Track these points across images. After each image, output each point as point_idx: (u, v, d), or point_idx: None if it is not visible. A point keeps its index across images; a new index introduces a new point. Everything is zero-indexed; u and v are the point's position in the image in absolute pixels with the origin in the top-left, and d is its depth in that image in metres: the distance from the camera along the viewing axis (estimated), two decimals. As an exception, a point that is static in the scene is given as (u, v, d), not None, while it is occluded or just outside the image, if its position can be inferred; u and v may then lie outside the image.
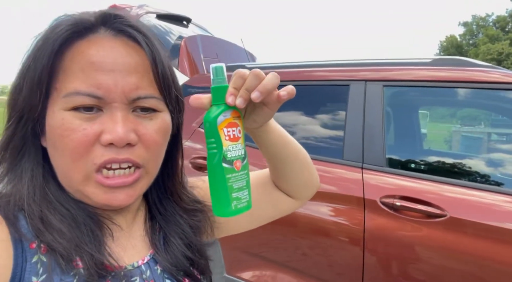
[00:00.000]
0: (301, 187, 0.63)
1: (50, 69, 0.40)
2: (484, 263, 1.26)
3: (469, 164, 1.60)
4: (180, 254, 0.51)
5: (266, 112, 0.47)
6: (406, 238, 1.37)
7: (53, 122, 0.41)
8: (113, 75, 0.40)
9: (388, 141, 1.59)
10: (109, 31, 0.43)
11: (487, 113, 5.33)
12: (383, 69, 1.62)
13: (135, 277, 0.46)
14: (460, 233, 1.29)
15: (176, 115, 0.48)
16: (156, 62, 0.43)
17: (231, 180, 0.44)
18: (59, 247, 0.40)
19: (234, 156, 0.44)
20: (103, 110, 0.41)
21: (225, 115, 0.43)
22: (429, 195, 1.37)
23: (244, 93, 0.43)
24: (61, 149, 0.41)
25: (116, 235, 0.47)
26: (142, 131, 0.43)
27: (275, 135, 0.55)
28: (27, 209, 0.41)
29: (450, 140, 6.34)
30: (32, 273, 0.39)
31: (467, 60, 1.57)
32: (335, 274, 1.53)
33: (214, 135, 0.43)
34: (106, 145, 0.40)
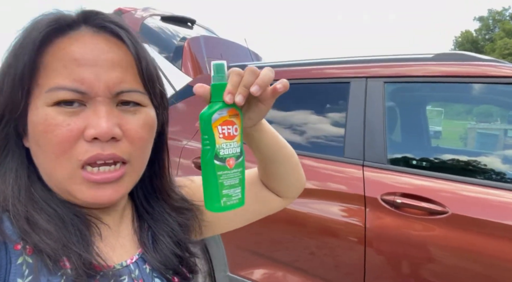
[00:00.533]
0: (289, 187, 0.64)
1: (31, 66, 0.40)
2: (487, 260, 1.23)
3: (471, 161, 1.57)
4: (169, 252, 0.51)
5: (261, 108, 0.48)
6: (407, 235, 1.36)
7: (36, 119, 0.40)
8: (95, 70, 0.40)
9: (389, 138, 1.57)
10: (90, 27, 0.42)
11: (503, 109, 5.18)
12: (384, 65, 1.60)
13: (123, 276, 0.46)
14: (465, 231, 1.27)
15: (161, 111, 0.48)
16: (140, 56, 0.43)
17: (222, 177, 0.44)
18: (46, 248, 0.39)
19: (227, 153, 0.44)
20: (87, 105, 0.41)
21: (220, 113, 0.44)
22: (430, 192, 1.35)
23: (243, 90, 0.43)
24: (45, 145, 0.40)
25: (104, 234, 0.46)
26: (127, 126, 0.42)
27: (268, 135, 0.55)
28: (12, 210, 0.40)
29: (466, 137, 6.19)
30: (17, 275, 0.38)
31: (470, 54, 1.54)
32: (338, 272, 1.52)
33: (208, 133, 0.44)
34: (90, 140, 0.40)
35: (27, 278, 0.38)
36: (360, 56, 1.75)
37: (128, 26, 0.44)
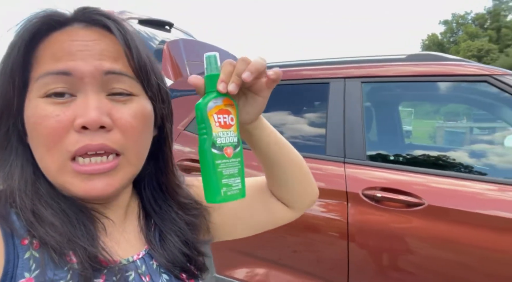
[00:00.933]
0: (296, 195, 0.61)
1: (22, 60, 0.40)
2: (462, 248, 1.31)
3: (444, 156, 1.67)
4: (177, 250, 0.50)
5: (258, 101, 0.48)
6: (387, 227, 1.42)
7: (29, 112, 0.41)
8: (82, 55, 0.40)
9: (367, 135, 1.64)
10: (81, 22, 0.43)
11: (468, 108, 5.46)
12: (361, 66, 1.67)
13: (130, 271, 0.46)
14: (440, 220, 1.35)
15: (159, 105, 0.47)
16: (130, 47, 0.42)
17: (221, 166, 0.44)
18: (51, 241, 0.39)
19: (225, 142, 0.44)
20: (77, 96, 0.41)
21: (215, 102, 0.44)
22: (407, 185, 1.42)
23: (235, 78, 0.43)
24: (36, 137, 0.40)
25: (109, 229, 0.46)
26: (117, 115, 0.42)
27: (267, 132, 0.55)
28: (19, 203, 0.41)
29: (435, 135, 6.49)
30: (24, 269, 0.38)
31: (439, 54, 1.64)
32: (323, 268, 1.57)
33: (204, 121, 0.44)
34: (79, 129, 0.39)
35: (34, 272, 0.38)
36: (339, 58, 1.81)
37: (119, 18, 0.44)
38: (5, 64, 0.41)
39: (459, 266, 1.33)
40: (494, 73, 1.45)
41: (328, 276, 1.55)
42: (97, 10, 0.43)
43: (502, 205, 1.29)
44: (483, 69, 1.48)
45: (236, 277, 1.72)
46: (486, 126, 5.60)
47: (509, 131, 1.77)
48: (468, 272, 1.32)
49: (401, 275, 1.43)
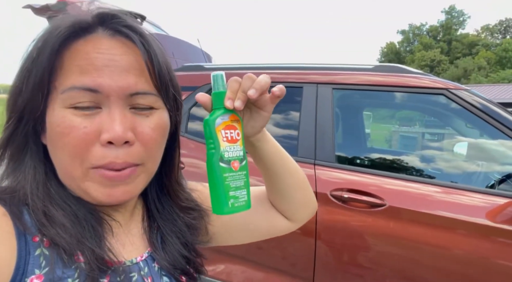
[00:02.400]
0: (296, 208, 0.63)
1: (50, 70, 0.41)
2: (418, 246, 1.44)
3: (405, 160, 1.81)
4: (177, 253, 0.52)
5: (262, 115, 0.51)
6: (352, 226, 1.52)
7: (54, 120, 0.41)
8: (109, 71, 0.41)
9: (337, 139, 1.73)
10: (106, 31, 0.43)
11: (421, 115, 5.86)
12: (332, 73, 1.76)
13: (133, 273, 0.47)
14: (398, 220, 1.47)
15: (174, 113, 0.49)
16: (152, 61, 0.44)
17: (229, 179, 0.46)
18: (62, 242, 0.41)
19: (232, 156, 0.46)
20: (102, 108, 0.42)
21: (223, 118, 0.47)
22: (371, 187, 1.53)
23: (241, 95, 0.46)
24: (62, 146, 0.41)
25: (115, 231, 0.48)
26: (139, 129, 0.43)
27: (270, 145, 0.57)
28: (31, 204, 0.42)
29: (391, 139, 6.90)
30: (35, 266, 0.39)
31: (403, 67, 1.77)
32: (289, 264, 1.64)
33: (212, 137, 0.46)
34: (105, 144, 0.41)
35: (44, 269, 0.40)
36: (312, 64, 1.89)
37: (142, 30, 0.45)
38: (34, 71, 0.41)
39: (412, 262, 1.46)
40: (450, 87, 1.60)
41: (295, 272, 1.63)
42: (124, 21, 0.44)
43: (447, 206, 1.44)
44: (441, 83, 1.63)
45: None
46: (436, 132, 6.06)
47: (457, 139, 1.97)
48: (420, 268, 1.45)
49: (363, 270, 1.54)
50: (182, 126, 1.88)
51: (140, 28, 0.45)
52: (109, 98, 0.42)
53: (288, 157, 0.61)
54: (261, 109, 0.51)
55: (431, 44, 47.90)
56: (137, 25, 0.45)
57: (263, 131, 0.55)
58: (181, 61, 2.42)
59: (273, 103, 0.50)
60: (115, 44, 0.43)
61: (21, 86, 0.42)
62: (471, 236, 1.39)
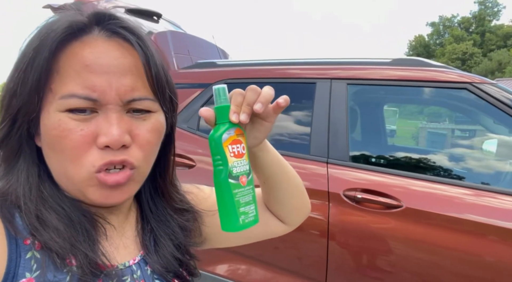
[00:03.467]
0: (291, 212, 0.63)
1: (46, 72, 0.40)
2: (434, 249, 1.36)
3: (426, 159, 1.72)
4: (170, 255, 0.52)
5: (265, 126, 0.50)
6: (366, 228, 1.46)
7: (49, 123, 0.41)
8: (107, 77, 0.41)
9: (351, 136, 1.67)
10: (103, 32, 0.43)
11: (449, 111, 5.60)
12: (347, 68, 1.69)
13: (126, 276, 0.47)
14: (415, 222, 1.39)
15: (170, 115, 0.49)
16: (150, 63, 0.43)
17: (238, 195, 0.45)
18: (55, 246, 0.40)
19: (240, 171, 0.46)
20: (98, 112, 0.42)
21: (229, 133, 0.46)
22: (387, 187, 1.46)
23: (247, 108, 0.46)
24: (59, 150, 0.41)
25: (109, 234, 0.48)
26: (136, 132, 0.43)
27: (271, 155, 0.57)
28: (23, 207, 0.41)
29: (417, 136, 6.66)
30: (26, 269, 0.39)
31: (423, 60, 1.67)
32: (303, 265, 1.60)
33: (220, 153, 0.45)
34: (103, 147, 0.41)
35: (35, 273, 0.39)
36: (326, 58, 1.83)
37: (140, 32, 0.44)
38: (30, 72, 0.40)
39: (432, 266, 1.38)
40: (474, 81, 1.50)
41: (307, 273, 1.59)
42: (121, 21, 0.43)
43: (476, 210, 1.34)
44: (463, 76, 1.52)
45: (217, 272, 1.74)
46: (467, 128, 5.78)
47: (487, 136, 1.84)
48: (440, 273, 1.37)
49: (377, 273, 1.47)
50: (194, 124, 1.87)
51: (138, 29, 0.44)
52: (107, 106, 0.41)
53: (287, 165, 0.61)
54: (264, 120, 0.50)
55: (462, 36, 45.77)
56: (134, 26, 0.44)
57: (264, 141, 0.55)
58: (197, 59, 2.42)
59: (276, 113, 0.49)
60: (112, 46, 0.42)
61: (16, 88, 0.41)
62: (503, 242, 1.28)
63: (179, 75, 2.04)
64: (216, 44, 2.73)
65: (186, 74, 2.05)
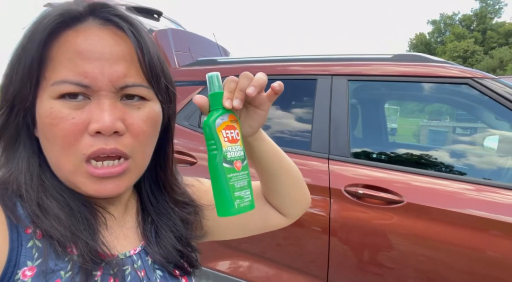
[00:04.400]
0: (291, 204, 0.63)
1: (39, 59, 0.40)
2: (435, 244, 1.36)
3: (427, 155, 1.71)
4: (171, 246, 0.52)
5: (259, 114, 0.50)
6: (367, 223, 1.46)
7: (42, 111, 0.41)
8: (99, 63, 0.41)
9: (352, 133, 1.67)
10: (96, 20, 0.43)
11: (451, 108, 5.58)
12: (348, 64, 1.69)
13: (126, 266, 0.47)
14: (416, 218, 1.39)
15: (167, 105, 0.49)
16: (143, 51, 0.43)
17: (233, 179, 0.46)
18: (56, 233, 0.40)
19: (234, 156, 0.46)
20: (91, 99, 0.41)
21: (222, 118, 0.46)
22: (388, 183, 1.46)
23: (239, 94, 0.46)
24: (51, 138, 0.41)
25: (109, 224, 0.48)
26: (130, 120, 0.43)
27: (267, 145, 0.57)
28: (25, 195, 0.42)
29: (418, 134, 6.65)
30: (27, 258, 0.39)
31: (424, 56, 1.67)
32: (304, 261, 1.60)
33: (214, 137, 0.46)
34: (94, 134, 0.41)
35: (36, 261, 0.40)
36: (327, 55, 1.83)
37: (133, 19, 0.44)
38: (23, 59, 0.40)
39: (433, 262, 1.38)
40: (475, 76, 1.49)
41: (308, 269, 1.59)
42: (114, 9, 0.43)
43: (478, 205, 1.34)
44: (464, 71, 1.52)
45: (219, 269, 1.74)
46: (468, 126, 5.77)
47: (488, 132, 1.84)
48: (442, 268, 1.37)
49: (378, 269, 1.47)
50: (195, 121, 1.87)
51: (131, 17, 0.45)
52: (99, 92, 0.41)
53: (285, 156, 0.60)
54: (258, 108, 0.50)
55: (464, 34, 45.60)
56: (127, 15, 0.44)
57: (259, 130, 0.55)
58: (197, 56, 2.42)
59: (270, 101, 0.50)
60: (105, 34, 0.42)
61: (11, 74, 0.42)
62: (505, 237, 1.28)
63: (180, 73, 2.05)
64: (217, 42, 2.73)
65: (187, 71, 2.06)
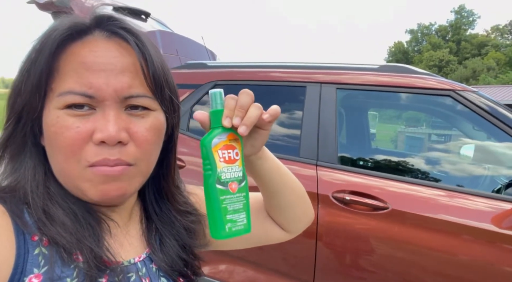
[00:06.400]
0: (293, 220, 0.63)
1: (47, 72, 0.41)
2: (421, 251, 1.41)
3: (410, 162, 1.78)
4: (175, 255, 0.52)
5: (262, 133, 0.50)
6: (354, 229, 1.50)
7: (49, 120, 0.42)
8: (104, 74, 0.41)
9: (340, 140, 1.71)
10: (103, 32, 0.44)
11: (427, 115, 5.77)
12: (336, 72, 1.73)
13: (131, 273, 0.47)
14: (401, 224, 1.44)
15: (171, 115, 0.49)
16: (147, 62, 0.44)
17: (226, 202, 0.44)
18: (62, 240, 0.41)
19: (229, 177, 0.45)
20: (96, 109, 0.42)
21: (220, 137, 0.45)
22: (374, 190, 1.50)
23: (240, 112, 0.45)
24: (56, 146, 0.42)
25: (114, 231, 0.48)
26: (134, 130, 0.44)
27: (270, 163, 0.56)
28: (31, 203, 0.42)
29: (396, 140, 6.84)
30: (33, 265, 0.39)
31: (410, 68, 1.73)
32: (289, 265, 1.62)
33: (209, 157, 0.44)
34: (98, 143, 0.41)
35: (43, 268, 0.40)
36: (316, 63, 1.86)
37: (139, 32, 0.45)
38: (32, 72, 0.41)
39: (416, 267, 1.43)
40: (457, 88, 1.57)
41: (295, 274, 1.61)
42: (121, 22, 0.44)
43: (452, 210, 1.41)
44: (448, 84, 1.59)
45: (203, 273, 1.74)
46: (443, 133, 5.98)
47: (463, 141, 1.93)
48: (423, 272, 1.42)
49: (364, 274, 1.51)
50: (184, 125, 1.86)
51: (136, 30, 0.45)
52: (104, 102, 0.42)
53: (288, 173, 0.60)
54: (260, 128, 0.50)
55: (439, 44, 47.37)
56: (133, 27, 0.45)
57: (262, 149, 0.54)
58: (185, 59, 2.41)
59: (271, 122, 0.49)
60: (111, 46, 0.43)
61: (20, 86, 0.42)
62: (476, 241, 1.36)
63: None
64: (205, 44, 2.73)
65: (176, 74, 2.05)
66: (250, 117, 0.45)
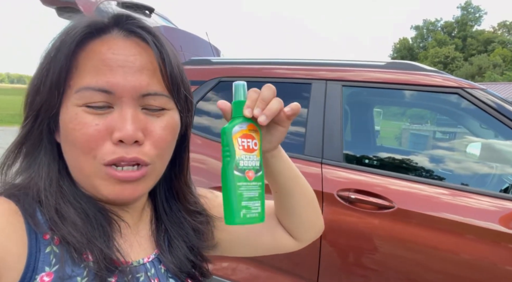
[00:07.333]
0: (302, 226, 0.63)
1: (66, 69, 0.42)
2: (427, 250, 1.40)
3: (415, 160, 1.76)
4: (183, 256, 0.53)
5: (280, 130, 0.51)
6: (359, 228, 1.49)
7: (67, 117, 0.42)
8: (123, 71, 0.42)
9: (345, 138, 1.69)
10: (121, 31, 0.45)
11: (432, 113, 5.73)
12: (342, 70, 1.71)
13: (140, 273, 0.48)
14: (406, 223, 1.43)
15: (185, 114, 0.50)
16: (165, 62, 0.45)
17: (242, 188, 0.45)
18: (73, 240, 0.41)
19: (247, 165, 0.46)
20: (114, 107, 0.43)
21: (241, 126, 0.46)
22: (379, 188, 1.49)
23: (261, 103, 0.46)
24: (73, 142, 0.42)
25: (124, 231, 0.49)
26: (150, 129, 0.44)
27: (285, 163, 0.56)
28: (44, 201, 0.43)
29: (400, 137, 6.80)
30: (45, 263, 0.40)
31: (417, 65, 1.71)
32: (293, 263, 1.61)
33: (228, 144, 0.46)
34: (116, 142, 0.42)
35: (54, 267, 0.40)
36: (321, 60, 1.84)
37: (157, 32, 0.46)
38: (52, 71, 0.42)
39: (422, 266, 1.42)
40: (465, 86, 1.54)
41: (299, 272, 1.60)
42: (139, 22, 0.45)
43: (458, 210, 1.39)
44: (456, 82, 1.56)
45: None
46: (448, 131, 5.94)
47: (469, 139, 1.90)
48: (428, 272, 1.41)
49: (369, 273, 1.50)
50: (188, 121, 1.85)
51: (154, 29, 0.46)
52: (122, 98, 0.43)
53: (300, 176, 0.60)
54: (278, 125, 0.51)
55: (445, 40, 46.92)
56: (150, 27, 0.46)
57: (278, 148, 0.55)
58: (189, 55, 2.39)
59: (290, 119, 0.50)
60: (129, 44, 0.44)
61: (39, 85, 0.43)
62: (483, 241, 1.34)
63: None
64: (209, 41, 2.71)
65: (180, 70, 2.03)
66: (270, 109, 0.46)
